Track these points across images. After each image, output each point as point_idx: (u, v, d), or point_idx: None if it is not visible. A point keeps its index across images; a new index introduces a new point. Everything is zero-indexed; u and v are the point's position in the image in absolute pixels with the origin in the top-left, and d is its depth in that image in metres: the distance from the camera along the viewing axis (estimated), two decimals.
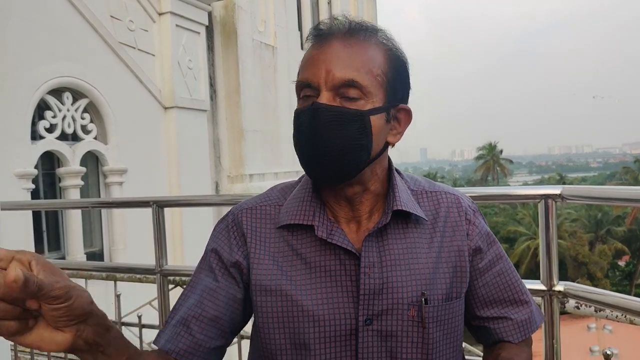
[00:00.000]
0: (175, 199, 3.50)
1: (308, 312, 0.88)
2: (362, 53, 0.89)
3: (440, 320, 0.90)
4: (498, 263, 0.99)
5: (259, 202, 1.01)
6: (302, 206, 0.94)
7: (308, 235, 0.93)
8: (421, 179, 1.03)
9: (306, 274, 0.91)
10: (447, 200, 0.98)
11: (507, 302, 0.99)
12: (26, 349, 2.70)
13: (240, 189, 7.82)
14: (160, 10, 6.88)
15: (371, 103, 0.88)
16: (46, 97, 5.49)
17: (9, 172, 4.95)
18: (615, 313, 1.30)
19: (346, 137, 0.86)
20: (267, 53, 8.82)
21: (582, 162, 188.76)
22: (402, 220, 0.93)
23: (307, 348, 0.88)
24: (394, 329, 0.88)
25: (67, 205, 4.68)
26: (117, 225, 6.26)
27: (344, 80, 0.86)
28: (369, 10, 13.42)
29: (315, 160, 0.87)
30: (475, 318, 1.00)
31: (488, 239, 0.99)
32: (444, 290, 0.91)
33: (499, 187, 1.76)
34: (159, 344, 0.93)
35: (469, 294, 0.98)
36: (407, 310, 0.88)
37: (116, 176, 6.29)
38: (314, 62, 0.89)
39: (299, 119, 0.89)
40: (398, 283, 0.89)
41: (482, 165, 48.52)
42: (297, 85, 0.91)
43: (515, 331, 0.99)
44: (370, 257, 0.89)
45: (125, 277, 2.35)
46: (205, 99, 7.62)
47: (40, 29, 5.29)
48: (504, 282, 0.99)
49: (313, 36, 0.93)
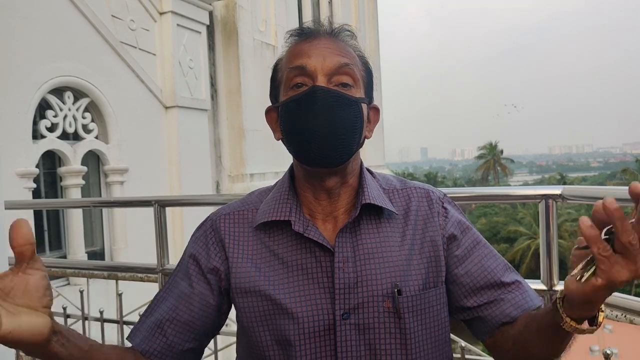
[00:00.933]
0: (177, 198, 3.51)
1: (287, 310, 0.90)
2: (348, 48, 0.97)
3: (416, 310, 0.91)
4: (477, 249, 0.98)
5: (236, 207, 1.03)
6: (278, 204, 0.97)
7: (284, 233, 0.96)
8: (393, 178, 1.05)
9: (283, 272, 0.93)
10: (417, 195, 1.01)
11: (494, 286, 0.95)
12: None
13: (241, 188, 7.82)
14: (161, 9, 6.88)
15: (359, 92, 0.94)
16: (47, 96, 5.50)
17: (10, 172, 4.96)
18: (615, 312, 1.31)
19: (345, 118, 0.90)
20: (268, 53, 8.82)
21: (582, 161, 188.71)
22: (375, 215, 0.96)
23: (290, 345, 0.90)
24: (370, 321, 0.90)
25: (68, 205, 4.69)
26: (118, 225, 6.26)
27: (340, 64, 0.91)
28: (369, 8, 13.42)
29: (318, 140, 0.89)
30: (465, 310, 0.97)
31: (461, 226, 0.99)
32: (419, 281, 0.92)
33: (499, 187, 1.77)
34: (134, 342, 0.98)
35: (454, 286, 0.97)
36: (382, 302, 0.90)
37: (117, 175, 6.29)
38: (307, 52, 0.93)
39: (299, 103, 0.91)
40: (372, 276, 0.91)
41: (483, 164, 48.53)
42: (289, 73, 0.93)
43: (511, 310, 0.94)
44: (344, 252, 0.92)
45: (126, 277, 2.36)
46: (206, 98, 7.63)
47: (41, 28, 5.30)
48: (486, 266, 0.96)
49: (298, 35, 0.98)
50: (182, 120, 7.09)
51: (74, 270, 2.57)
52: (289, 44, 0.99)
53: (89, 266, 2.57)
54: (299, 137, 0.91)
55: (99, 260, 5.87)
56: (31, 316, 0.67)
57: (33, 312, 0.68)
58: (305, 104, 0.90)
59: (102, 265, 2.60)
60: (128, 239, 6.24)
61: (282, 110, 0.94)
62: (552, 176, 57.07)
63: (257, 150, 8.23)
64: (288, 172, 1.03)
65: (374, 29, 13.79)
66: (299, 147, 0.92)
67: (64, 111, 5.71)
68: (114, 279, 2.40)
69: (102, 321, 2.40)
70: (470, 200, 1.70)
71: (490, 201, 1.76)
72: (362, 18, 12.74)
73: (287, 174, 1.03)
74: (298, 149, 0.93)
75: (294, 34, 0.99)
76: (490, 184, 45.33)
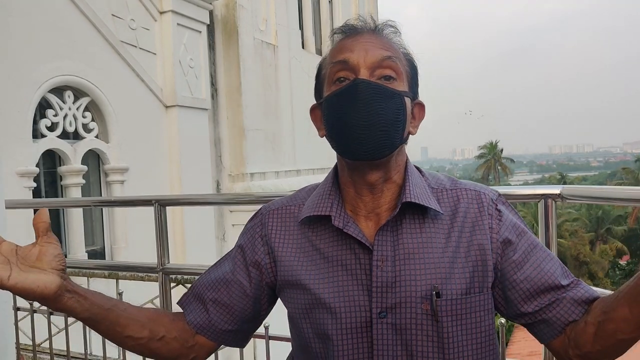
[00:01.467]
0: (177, 197, 3.51)
1: (326, 304, 0.91)
2: (391, 43, 0.97)
3: (456, 314, 0.89)
4: (534, 252, 0.95)
5: (285, 203, 1.06)
6: (321, 200, 0.98)
7: (326, 228, 0.97)
8: (443, 177, 1.03)
9: (324, 267, 0.94)
10: (467, 197, 0.98)
11: (554, 288, 0.92)
12: (29, 346, 2.71)
13: (241, 187, 7.82)
14: (161, 9, 6.88)
15: (402, 85, 0.94)
16: (48, 95, 5.50)
17: (10, 171, 4.96)
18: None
19: (388, 111, 0.90)
20: (269, 52, 8.82)
21: (582, 161, 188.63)
22: (419, 214, 0.94)
23: (329, 338, 0.91)
24: (407, 322, 0.89)
25: (68, 204, 4.69)
26: (119, 224, 6.26)
27: (382, 57, 0.92)
28: (369, 9, 13.41)
29: (359, 132, 0.89)
30: (526, 315, 0.94)
31: (516, 229, 0.97)
32: (462, 285, 0.90)
33: (499, 187, 1.77)
34: (186, 311, 1.06)
35: (512, 292, 0.93)
36: (420, 304, 0.89)
37: (117, 175, 6.30)
38: (350, 47, 0.94)
39: (340, 97, 0.91)
40: (411, 277, 0.90)
41: (483, 164, 48.51)
42: (332, 68, 0.94)
43: (576, 307, 0.91)
44: (383, 250, 0.91)
45: (127, 276, 2.36)
46: (207, 97, 7.63)
47: (41, 27, 5.30)
48: (546, 270, 0.93)
49: (342, 32, 0.98)
50: (183, 119, 7.09)
51: (75, 269, 2.57)
52: (333, 41, 1.00)
53: (90, 265, 2.57)
54: (340, 130, 0.91)
55: (99, 260, 5.87)
56: (39, 274, 0.82)
57: (42, 272, 0.82)
58: (347, 97, 0.90)
59: (102, 264, 2.60)
60: (128, 238, 6.24)
61: (325, 106, 0.95)
62: (553, 176, 57.09)
63: (257, 149, 8.23)
64: (333, 169, 1.03)
65: None
66: (340, 140, 0.92)
67: (64, 110, 5.71)
68: (115, 278, 2.40)
69: None
70: None
71: None
72: (362, 15, 12.72)
73: (332, 171, 1.03)
74: (340, 142, 0.92)
75: (337, 32, 0.99)
76: (490, 183, 45.30)
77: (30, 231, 0.86)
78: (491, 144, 48.45)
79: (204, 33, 7.62)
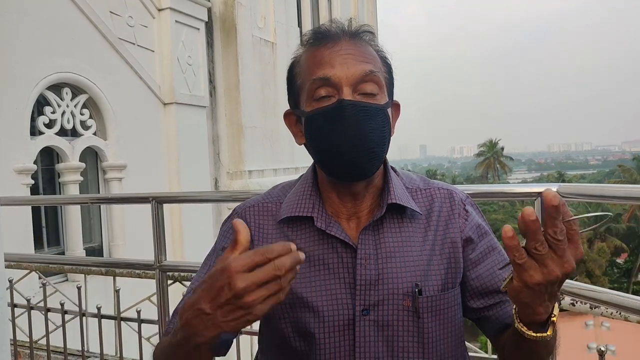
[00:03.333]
0: (175, 195, 3.50)
1: (308, 304, 0.92)
2: (370, 51, 0.95)
3: (435, 310, 0.92)
4: (491, 255, 0.99)
5: (260, 200, 1.04)
6: (301, 200, 0.97)
7: (307, 228, 0.96)
8: (416, 177, 1.05)
9: (306, 267, 0.94)
10: (440, 195, 1.01)
11: (501, 291, 0.95)
12: (26, 343, 2.71)
13: (240, 185, 7.82)
14: (159, 6, 6.87)
15: (384, 98, 0.93)
16: (45, 92, 5.49)
17: (8, 168, 4.96)
18: (610, 310, 1.31)
19: (375, 130, 0.90)
20: (267, 49, 8.80)
21: (581, 159, 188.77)
22: (398, 214, 0.96)
23: (311, 337, 0.91)
24: (390, 318, 0.91)
25: (66, 201, 4.69)
26: (117, 221, 6.26)
27: (364, 73, 0.90)
28: (368, 3, 13.40)
29: (349, 157, 0.89)
30: (471, 310, 0.99)
31: (479, 230, 1.00)
32: (439, 281, 0.93)
33: (496, 185, 1.77)
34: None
35: (463, 287, 0.98)
36: (402, 300, 0.91)
37: (115, 172, 6.29)
38: (329, 60, 0.91)
39: (326, 118, 0.89)
40: (393, 274, 0.92)
41: (483, 162, 48.55)
42: (312, 84, 0.91)
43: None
44: (366, 249, 0.93)
45: (124, 273, 2.36)
46: (205, 95, 7.62)
47: (39, 24, 5.29)
48: (497, 274, 0.96)
49: (317, 38, 0.95)
50: (181, 116, 7.08)
51: (72, 266, 2.58)
52: (306, 46, 0.97)
53: (87, 262, 2.57)
54: (328, 154, 0.91)
55: (97, 257, 5.87)
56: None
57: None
58: (333, 119, 0.89)
59: (100, 261, 2.60)
60: (126, 235, 6.24)
61: (307, 122, 0.93)
62: (551, 174, 57.14)
63: (255, 147, 8.22)
64: (311, 169, 1.03)
65: (373, 24, 13.78)
66: (329, 163, 0.92)
67: (62, 107, 5.70)
68: (112, 275, 2.40)
69: (100, 317, 2.40)
70: None
71: (486, 198, 1.76)
72: (362, 13, 12.72)
73: (311, 172, 1.02)
74: (328, 164, 0.93)
75: (312, 37, 0.96)
76: (489, 181, 45.31)
77: (28, 228, 0.82)
78: (491, 142, 48.48)
79: (202, 30, 7.61)
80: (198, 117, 7.51)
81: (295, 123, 1.00)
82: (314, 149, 0.94)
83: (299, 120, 0.98)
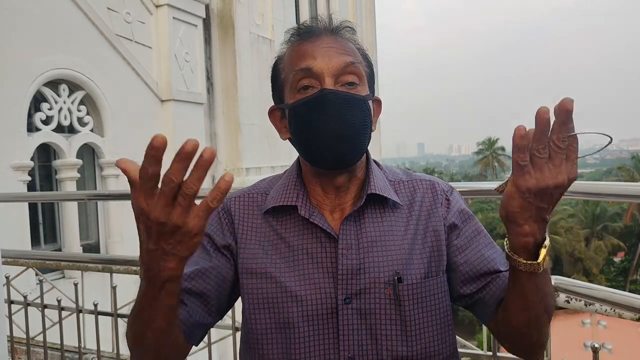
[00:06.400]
0: None
1: (291, 293, 0.93)
2: (351, 45, 0.98)
3: (417, 297, 0.93)
4: (477, 239, 1.00)
5: (247, 191, 1.06)
6: (286, 191, 1.00)
7: (291, 218, 0.98)
8: (398, 170, 1.08)
9: (289, 256, 0.96)
10: (422, 187, 1.03)
11: (492, 273, 0.96)
12: (22, 339, 2.71)
13: (237, 182, 7.82)
14: (157, 2, 6.85)
15: (365, 90, 0.96)
16: (42, 89, 5.48)
17: (5, 164, 4.95)
18: (604, 307, 1.32)
19: (357, 119, 0.92)
20: (265, 46, 8.79)
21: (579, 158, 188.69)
22: (379, 205, 0.99)
23: (291, 327, 0.92)
24: (372, 307, 0.92)
25: (63, 198, 4.68)
26: (114, 218, 6.26)
27: (345, 64, 0.93)
28: (367, 2, 13.39)
29: (331, 144, 0.91)
30: (464, 297, 0.98)
31: (463, 216, 1.01)
32: (421, 270, 0.95)
33: (492, 182, 1.79)
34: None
35: (453, 274, 0.98)
36: (384, 289, 0.93)
37: (112, 169, 6.28)
38: (311, 53, 0.94)
39: (308, 107, 0.92)
40: (374, 263, 0.94)
41: (481, 160, 48.60)
42: (295, 76, 0.94)
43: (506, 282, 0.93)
44: (348, 239, 0.95)
45: (121, 270, 2.35)
46: (202, 92, 7.61)
47: (36, 20, 5.27)
48: (486, 256, 0.97)
49: (299, 34, 0.99)
50: (178, 113, 7.07)
51: (69, 263, 2.57)
52: (290, 43, 1.00)
53: (84, 259, 2.56)
54: (312, 142, 0.93)
55: (94, 254, 5.87)
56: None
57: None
58: (315, 108, 0.91)
59: (97, 258, 2.59)
60: (123, 232, 6.24)
61: (291, 114, 0.96)
62: None
63: (253, 144, 8.22)
64: (296, 163, 1.05)
65: (372, 22, 13.77)
66: (312, 152, 0.94)
67: (59, 104, 5.69)
68: (109, 272, 2.40)
69: (97, 314, 2.40)
70: (463, 195, 1.70)
71: (483, 196, 1.76)
72: (360, 12, 12.72)
73: (295, 165, 1.04)
74: (311, 153, 0.95)
75: (294, 33, 1.00)
76: (487, 179, 45.35)
77: (25, 224, 0.82)
78: (489, 140, 48.51)
79: (200, 27, 7.59)
80: (195, 114, 7.50)
81: (280, 119, 1.02)
82: (298, 138, 0.96)
83: (283, 115, 1.00)
